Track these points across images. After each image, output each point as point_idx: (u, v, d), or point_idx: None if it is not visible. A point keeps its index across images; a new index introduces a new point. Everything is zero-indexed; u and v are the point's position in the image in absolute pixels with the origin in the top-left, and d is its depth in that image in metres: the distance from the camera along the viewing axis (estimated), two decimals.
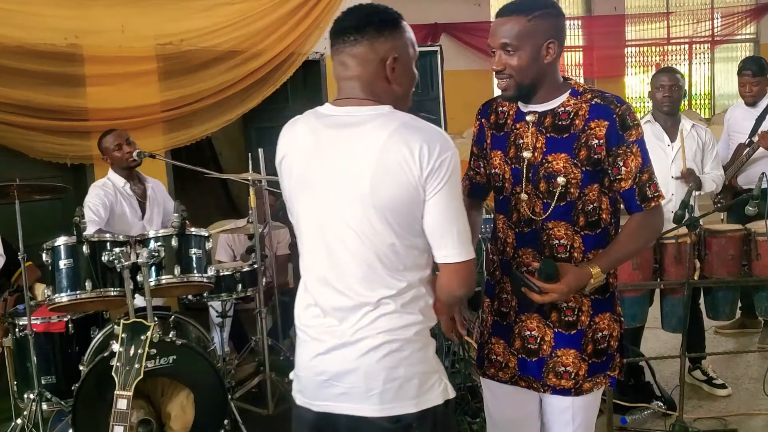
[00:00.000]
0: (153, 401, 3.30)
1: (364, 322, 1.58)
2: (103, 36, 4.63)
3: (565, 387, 1.93)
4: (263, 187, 4.20)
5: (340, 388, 1.59)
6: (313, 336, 1.65)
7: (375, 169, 1.53)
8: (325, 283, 1.63)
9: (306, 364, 1.66)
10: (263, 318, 3.86)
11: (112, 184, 3.96)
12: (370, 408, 1.57)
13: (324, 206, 1.60)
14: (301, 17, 5.31)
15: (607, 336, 1.97)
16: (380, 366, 1.57)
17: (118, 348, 2.18)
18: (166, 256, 3.21)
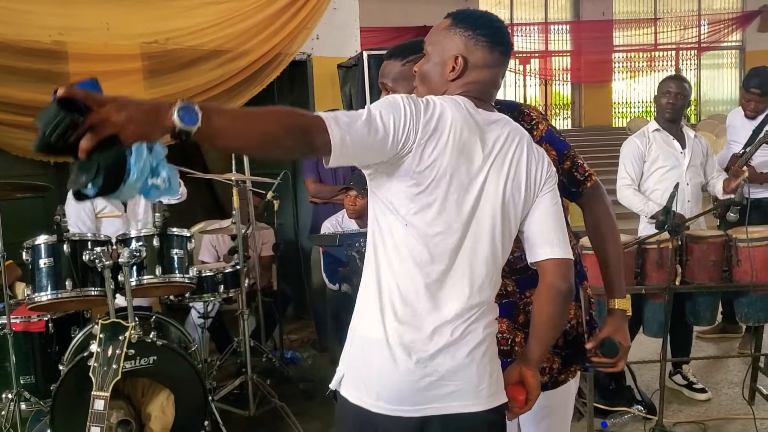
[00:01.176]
0: (133, 402, 3.28)
1: (473, 318, 1.58)
2: (88, 33, 4.59)
3: (541, 382, 1.94)
4: (247, 188, 4.19)
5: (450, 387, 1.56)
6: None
7: (516, 175, 1.63)
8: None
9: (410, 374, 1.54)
10: (245, 320, 3.84)
11: None
12: (480, 402, 1.58)
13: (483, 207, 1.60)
14: (289, 18, 5.29)
15: (575, 324, 1.99)
16: (485, 360, 1.59)
17: (96, 348, 2.17)
18: (147, 256, 3.20)
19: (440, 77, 1.66)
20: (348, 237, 3.91)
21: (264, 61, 5.27)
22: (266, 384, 3.86)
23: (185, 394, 3.16)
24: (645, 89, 16.23)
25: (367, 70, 5.08)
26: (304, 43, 5.52)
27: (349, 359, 1.62)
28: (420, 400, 1.53)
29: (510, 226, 1.62)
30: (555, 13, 15.37)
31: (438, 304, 1.55)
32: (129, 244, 3.19)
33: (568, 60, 15.56)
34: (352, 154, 1.42)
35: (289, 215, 5.98)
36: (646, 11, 15.80)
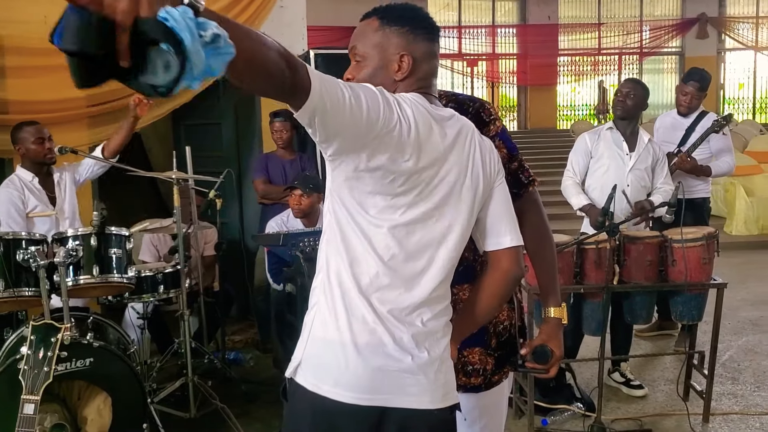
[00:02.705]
0: (68, 405, 3.19)
1: (438, 314, 1.61)
2: (26, 26, 4.44)
3: (475, 384, 1.96)
4: (190, 186, 4.12)
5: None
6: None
7: (479, 163, 1.64)
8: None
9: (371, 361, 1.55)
10: (186, 320, 3.77)
11: (19, 179, 3.82)
12: (436, 400, 1.58)
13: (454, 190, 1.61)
14: (236, 14, 5.19)
15: (507, 326, 2.01)
16: (444, 358, 1.62)
17: (27, 351, 2.10)
18: (84, 255, 3.12)
19: (386, 79, 1.62)
20: (292, 237, 3.89)
21: None
22: (207, 385, 3.80)
23: (123, 396, 3.10)
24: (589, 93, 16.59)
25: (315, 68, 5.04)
26: None
27: (308, 348, 1.58)
28: (380, 391, 1.53)
29: (472, 220, 1.64)
30: (502, 17, 15.57)
31: (408, 299, 1.55)
32: (65, 243, 3.11)
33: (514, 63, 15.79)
34: (325, 108, 1.33)
35: (235, 214, 5.91)
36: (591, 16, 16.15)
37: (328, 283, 1.57)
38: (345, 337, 1.53)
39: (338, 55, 5.19)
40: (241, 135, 5.98)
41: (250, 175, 5.42)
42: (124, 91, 4.82)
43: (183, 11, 1.05)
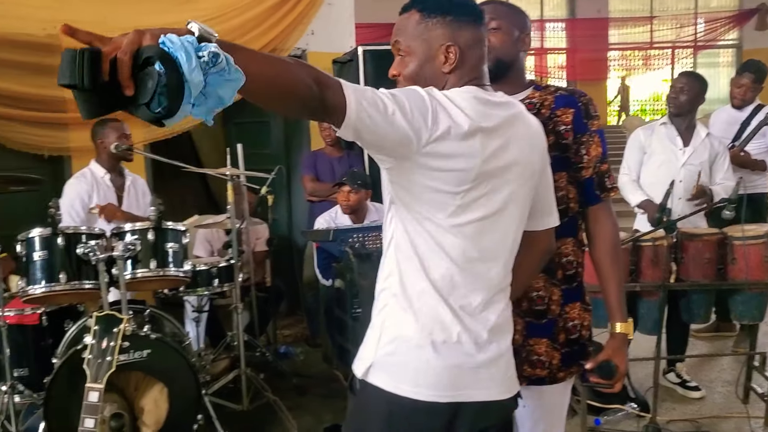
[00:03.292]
0: (126, 395, 3.27)
1: (504, 305, 1.62)
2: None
3: (540, 376, 1.95)
4: (242, 183, 4.18)
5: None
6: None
7: (536, 151, 1.64)
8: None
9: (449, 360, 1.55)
10: (239, 314, 3.83)
11: (91, 173, 3.88)
12: (505, 390, 1.60)
13: (510, 186, 1.55)
14: (284, 13, 5.27)
15: (578, 325, 1.99)
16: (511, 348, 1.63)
17: (91, 340, 2.16)
18: (142, 249, 3.18)
19: (434, 73, 1.57)
20: (341, 233, 3.92)
21: None
22: (260, 378, 3.86)
23: (179, 388, 3.16)
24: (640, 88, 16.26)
25: (363, 65, 5.07)
26: (300, 38, 5.52)
27: (381, 350, 1.56)
28: (457, 387, 1.52)
29: (527, 206, 1.64)
30: (550, 11, 15.38)
31: (481, 295, 1.55)
32: (123, 238, 3.18)
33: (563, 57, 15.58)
34: (365, 124, 1.32)
35: (284, 211, 5.97)
36: (642, 9, 15.82)
37: (399, 285, 1.55)
38: (422, 337, 1.52)
39: (387, 51, 5.17)
40: (289, 132, 6.04)
41: (298, 173, 5.47)
42: None
43: (184, 38, 1.08)
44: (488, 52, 1.70)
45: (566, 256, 1.96)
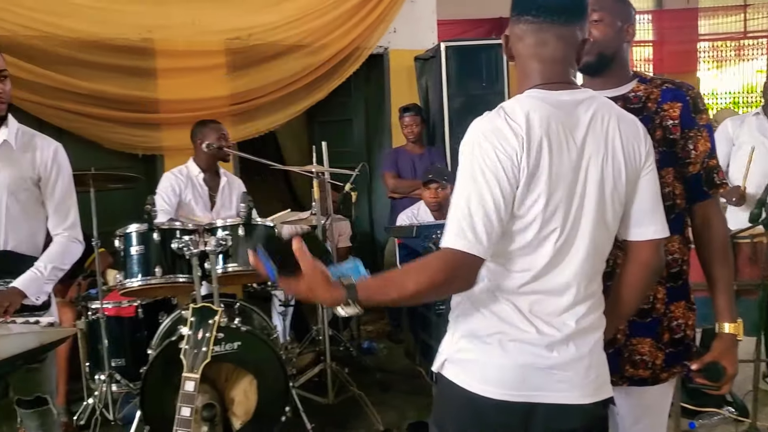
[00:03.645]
0: (217, 386, 3.37)
1: (587, 310, 1.57)
2: (175, 31, 4.76)
3: (642, 377, 1.90)
4: (326, 180, 4.24)
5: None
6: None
7: (614, 152, 1.54)
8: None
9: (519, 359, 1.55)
10: (324, 308, 3.89)
11: (188, 171, 3.98)
12: (586, 394, 1.56)
13: (576, 192, 1.52)
14: (367, 11, 5.33)
15: (682, 325, 1.93)
16: (596, 352, 1.59)
17: (187, 331, 2.23)
18: (232, 244, 3.27)
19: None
20: (425, 229, 3.91)
21: (343, 55, 5.34)
22: (344, 373, 3.90)
23: (268, 380, 3.23)
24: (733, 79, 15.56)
25: (445, 61, 5.06)
26: (383, 36, 5.56)
27: (453, 345, 1.60)
28: (527, 387, 1.52)
29: (614, 210, 1.57)
30: (637, 3, 14.86)
31: (556, 302, 1.54)
32: (215, 233, 3.27)
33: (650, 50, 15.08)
34: (494, 240, 1.45)
35: (365, 208, 6.03)
36: None
37: (488, 284, 1.56)
38: (490, 335, 1.54)
39: (468, 46, 5.17)
40: (371, 130, 6.09)
41: (379, 170, 5.51)
42: (262, 90, 5.06)
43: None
44: (590, 45, 1.70)
45: (671, 254, 1.90)
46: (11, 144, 2.44)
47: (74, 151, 2.66)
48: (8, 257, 2.42)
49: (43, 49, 4.29)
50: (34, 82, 4.25)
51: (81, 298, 3.86)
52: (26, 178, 2.47)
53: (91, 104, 4.49)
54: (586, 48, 1.65)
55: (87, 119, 4.53)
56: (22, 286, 2.34)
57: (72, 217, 2.58)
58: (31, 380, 2.43)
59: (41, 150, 2.51)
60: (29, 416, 2.49)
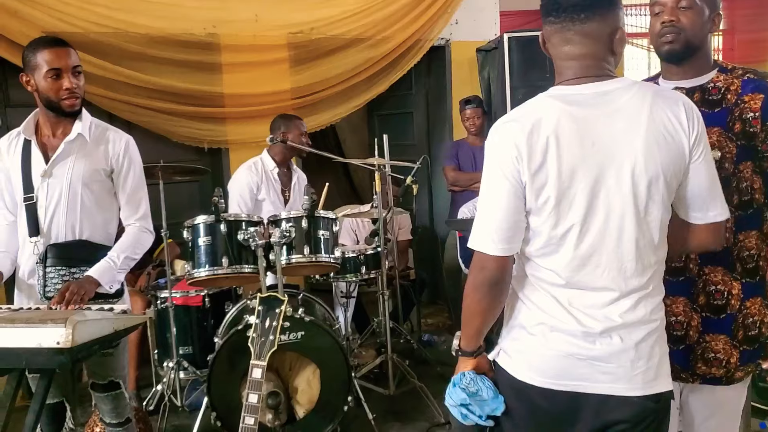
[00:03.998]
0: (281, 375, 3.43)
1: (632, 304, 1.58)
2: (239, 25, 4.83)
3: (716, 376, 1.85)
4: (387, 173, 4.25)
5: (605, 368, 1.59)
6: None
7: (646, 142, 1.52)
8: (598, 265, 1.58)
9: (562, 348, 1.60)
10: (386, 300, 3.91)
11: (262, 164, 4.04)
12: (634, 387, 1.58)
13: (599, 188, 1.54)
14: (429, 3, 5.31)
15: (757, 322, 1.87)
16: (645, 346, 1.58)
17: (255, 320, 2.28)
18: (296, 236, 3.31)
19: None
20: None
21: (404, 48, 5.33)
22: (405, 364, 3.92)
23: (330, 370, 3.27)
24: None
25: (508, 52, 5.00)
26: (444, 28, 5.53)
27: (505, 333, 1.71)
28: (571, 377, 1.58)
29: (656, 201, 1.55)
30: None
31: (594, 297, 1.57)
32: (279, 225, 3.33)
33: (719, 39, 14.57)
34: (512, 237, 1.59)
35: (425, 201, 6.01)
36: None
37: (522, 274, 1.66)
38: (533, 326, 1.62)
39: (531, 37, 5.08)
40: (432, 123, 6.07)
41: (440, 163, 5.49)
42: (324, 83, 5.10)
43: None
44: (677, 33, 1.75)
45: (748, 250, 1.85)
46: (85, 137, 2.53)
47: (143, 144, 2.74)
48: (84, 246, 2.51)
49: (114, 46, 4.41)
50: (106, 77, 4.37)
51: (150, 287, 3.98)
52: (99, 170, 2.55)
53: (159, 99, 4.60)
54: (671, 36, 1.74)
55: (155, 113, 4.64)
56: (97, 275, 2.42)
57: (143, 207, 2.65)
58: (106, 365, 2.52)
59: (114, 143, 2.59)
60: (103, 399, 2.58)
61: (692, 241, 1.68)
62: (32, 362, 1.94)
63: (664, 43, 1.85)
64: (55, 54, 2.41)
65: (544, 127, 1.52)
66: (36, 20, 4.13)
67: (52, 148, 2.51)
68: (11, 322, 1.92)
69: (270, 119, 4.24)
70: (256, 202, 3.93)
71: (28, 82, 2.46)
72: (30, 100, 2.57)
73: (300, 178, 4.18)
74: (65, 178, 2.49)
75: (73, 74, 2.45)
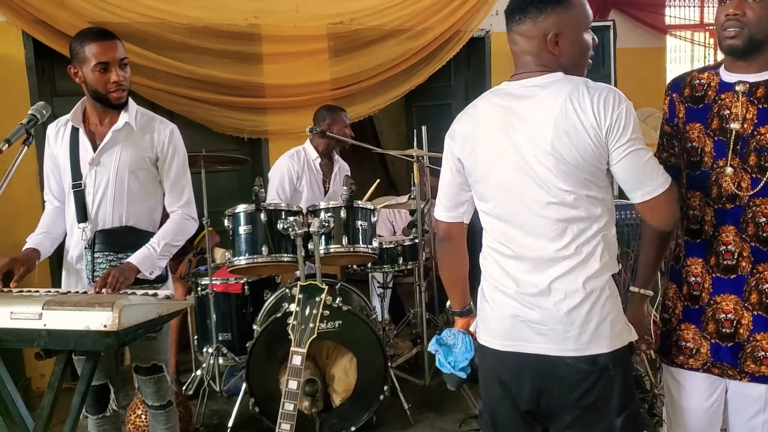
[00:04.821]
0: (318, 363, 3.47)
1: (557, 272, 1.74)
2: (280, 16, 4.86)
3: (765, 374, 1.82)
4: (425, 165, 4.24)
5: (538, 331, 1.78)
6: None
7: (555, 132, 1.69)
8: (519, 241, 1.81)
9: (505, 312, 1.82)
10: (422, 291, 3.92)
11: (305, 155, 4.05)
12: (567, 349, 1.74)
13: (515, 172, 1.76)
14: None
15: None
16: (579, 313, 1.73)
17: (295, 308, 2.30)
18: (335, 226, 3.34)
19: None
20: None
21: (443, 39, 5.31)
22: None
23: (367, 359, 3.30)
24: None
25: None
26: (484, 19, 5.49)
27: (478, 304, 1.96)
28: (512, 338, 1.80)
29: (563, 177, 1.70)
30: None
31: (521, 265, 1.78)
32: (318, 215, 3.35)
33: None
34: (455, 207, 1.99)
35: None
36: None
37: (484, 249, 1.90)
38: (486, 294, 1.87)
39: None
40: None
41: None
42: (363, 74, 5.11)
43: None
44: (740, 27, 1.75)
45: None
46: (132, 126, 2.57)
47: (185, 133, 2.76)
48: (130, 232, 2.56)
49: (157, 36, 4.47)
50: (149, 67, 4.44)
51: (191, 274, 4.04)
52: (145, 158, 2.59)
53: (201, 89, 4.66)
54: (734, 31, 1.76)
55: (197, 103, 4.70)
56: (136, 261, 2.46)
57: (186, 195, 2.69)
58: (149, 348, 2.57)
59: (158, 132, 2.63)
60: (145, 382, 2.63)
61: (644, 224, 1.88)
62: (79, 344, 1.99)
63: (726, 37, 1.80)
64: (103, 47, 2.45)
65: (481, 118, 1.82)
66: (82, 10, 4.21)
67: (100, 137, 2.56)
68: (60, 305, 1.97)
69: (309, 110, 4.26)
70: (295, 192, 3.95)
71: (76, 74, 2.51)
72: (76, 89, 2.62)
73: (341, 168, 4.19)
74: (112, 166, 2.53)
75: (120, 67, 2.49)
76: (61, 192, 2.61)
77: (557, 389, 1.75)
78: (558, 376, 1.74)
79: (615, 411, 1.75)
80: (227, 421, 3.47)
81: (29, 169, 3.99)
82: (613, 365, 1.73)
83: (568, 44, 1.75)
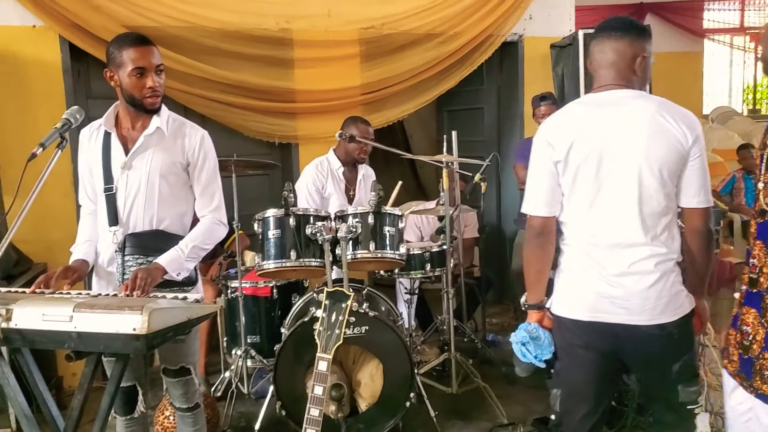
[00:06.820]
0: (344, 368, 3.47)
1: (637, 257, 2.12)
2: (311, 21, 4.88)
3: (766, 393, 1.76)
4: (455, 170, 4.22)
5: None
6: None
7: (648, 135, 2.07)
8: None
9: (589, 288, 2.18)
10: (450, 298, 3.89)
11: (328, 164, 4.06)
12: (643, 318, 2.13)
13: (609, 170, 2.12)
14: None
15: None
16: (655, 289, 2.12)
17: (322, 313, 2.30)
18: (362, 232, 3.34)
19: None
20: None
21: (475, 43, 5.29)
22: (469, 364, 3.89)
23: (393, 365, 3.29)
24: None
25: (583, 49, 4.90)
26: (517, 23, 5.45)
27: (555, 285, 2.29)
28: (595, 310, 2.16)
29: (653, 177, 2.09)
30: None
31: (606, 252, 2.15)
32: (346, 220, 3.36)
33: None
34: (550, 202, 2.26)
35: (493, 199, 5.96)
36: None
37: (567, 238, 2.23)
38: (569, 276, 2.23)
39: None
40: (502, 119, 6.01)
41: (509, 161, 5.43)
42: (394, 79, 5.10)
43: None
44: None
45: None
46: (164, 131, 2.60)
47: (216, 138, 2.78)
48: (160, 236, 2.58)
49: (190, 40, 4.51)
50: (182, 71, 4.49)
51: (221, 277, 4.08)
52: (176, 162, 2.62)
53: (233, 93, 4.69)
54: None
55: (228, 108, 4.73)
56: (164, 262, 2.48)
57: (216, 200, 2.71)
58: (178, 351, 2.59)
59: (190, 137, 2.65)
60: (174, 384, 2.66)
61: (688, 228, 2.20)
62: (109, 347, 2.01)
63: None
64: (140, 53, 2.48)
65: (570, 125, 2.17)
66: (116, 15, 4.28)
67: (132, 141, 2.59)
68: (91, 308, 1.99)
69: (339, 115, 4.27)
70: (322, 199, 3.97)
71: (112, 77, 2.54)
72: (110, 93, 2.65)
73: (366, 175, 4.18)
74: (144, 170, 2.56)
75: (156, 73, 2.51)
76: (96, 196, 2.65)
77: (631, 347, 2.18)
78: (633, 339, 2.14)
79: (673, 360, 2.17)
80: (254, 423, 3.49)
81: (63, 171, 4.06)
82: (676, 330, 2.13)
83: (645, 67, 2.18)
